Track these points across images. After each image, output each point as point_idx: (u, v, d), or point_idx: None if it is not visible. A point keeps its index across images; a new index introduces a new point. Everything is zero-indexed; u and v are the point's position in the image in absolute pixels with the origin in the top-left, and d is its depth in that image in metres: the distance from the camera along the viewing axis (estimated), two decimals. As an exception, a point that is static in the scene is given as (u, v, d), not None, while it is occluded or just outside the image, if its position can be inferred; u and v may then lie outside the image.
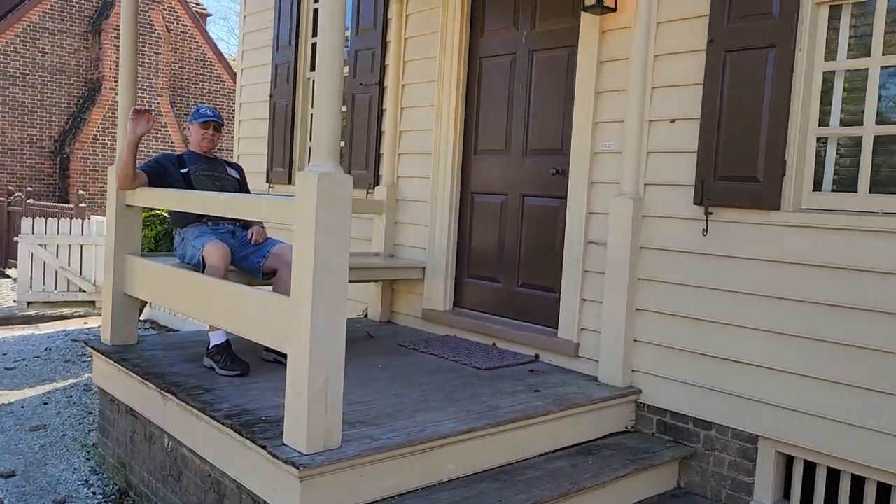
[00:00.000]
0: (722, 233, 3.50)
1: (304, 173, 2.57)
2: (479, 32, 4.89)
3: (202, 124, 4.10)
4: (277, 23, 6.39)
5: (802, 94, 3.28)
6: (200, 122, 4.10)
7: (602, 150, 4.04)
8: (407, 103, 5.26)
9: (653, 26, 3.77)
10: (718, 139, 3.50)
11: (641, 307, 3.81)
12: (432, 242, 5.05)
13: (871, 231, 3.03)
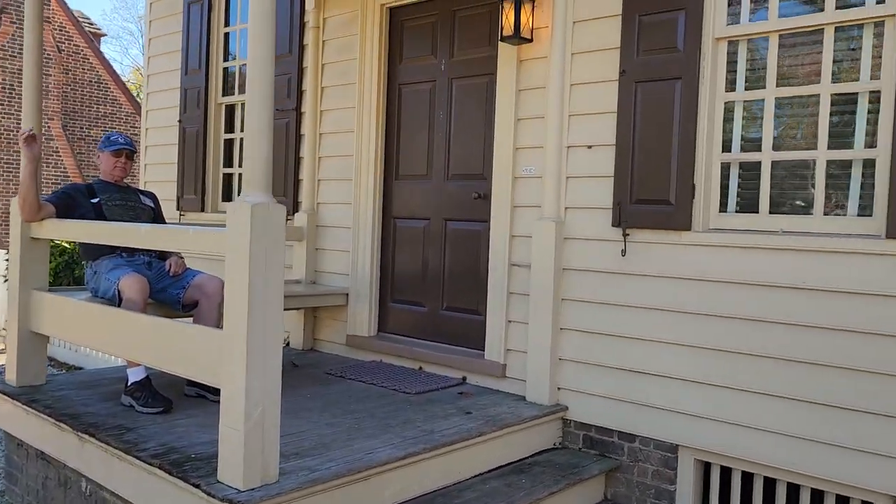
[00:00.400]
0: (639, 253, 3.68)
1: (237, 204, 2.53)
2: (398, 59, 4.96)
3: (114, 152, 3.96)
4: (186, 47, 6.25)
5: (707, 122, 3.51)
6: (112, 150, 3.95)
7: (523, 174, 4.17)
8: (326, 129, 5.25)
9: (568, 57, 3.94)
10: (633, 164, 3.69)
11: (565, 326, 3.94)
12: (355, 268, 5.03)
13: (772, 249, 3.27)
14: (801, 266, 3.19)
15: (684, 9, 3.54)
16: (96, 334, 3.41)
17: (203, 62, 6.10)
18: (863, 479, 3.05)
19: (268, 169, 2.60)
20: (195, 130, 6.15)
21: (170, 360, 2.91)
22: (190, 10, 6.19)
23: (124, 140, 4.03)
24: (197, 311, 3.78)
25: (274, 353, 2.57)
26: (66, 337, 3.77)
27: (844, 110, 3.24)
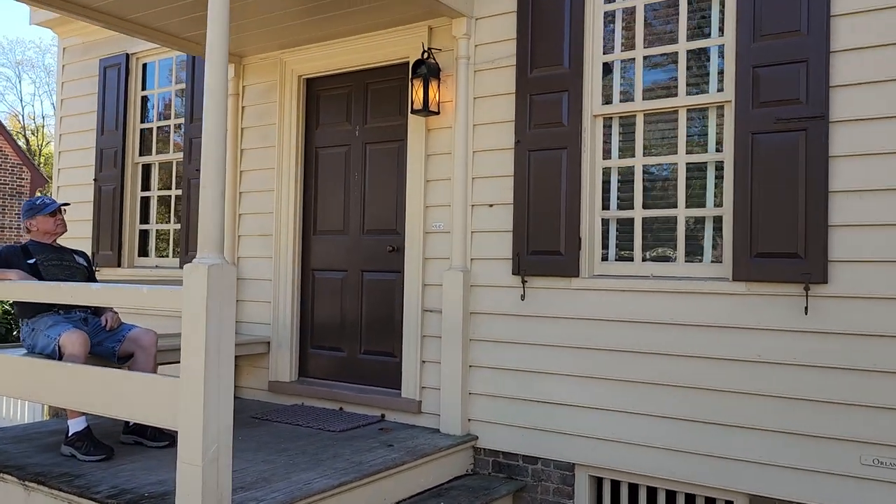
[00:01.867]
0: (536, 297, 4.25)
1: (194, 265, 2.88)
2: (315, 125, 5.41)
3: (50, 214, 4.17)
4: (102, 108, 6.44)
5: (589, 185, 4.16)
6: (49, 211, 4.17)
7: (433, 229, 4.69)
8: (246, 188, 5.60)
9: (470, 128, 4.53)
10: (529, 220, 4.29)
11: (474, 364, 4.44)
12: (276, 318, 5.36)
13: (645, 291, 3.92)
14: (667, 305, 3.85)
15: (567, 90, 4.20)
16: (41, 388, 3.58)
17: (120, 123, 6.31)
18: (725, 482, 3.67)
19: (220, 232, 2.98)
20: (111, 189, 6.32)
21: (123, 408, 3.17)
22: (106, 73, 6.42)
23: (50, 199, 4.27)
24: (132, 363, 4.01)
25: (227, 396, 2.91)
26: (9, 392, 3.89)
27: (697, 176, 3.96)
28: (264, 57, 5.54)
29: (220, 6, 3.06)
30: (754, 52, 3.62)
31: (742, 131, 3.65)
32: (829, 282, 3.42)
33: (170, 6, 4.63)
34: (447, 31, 4.65)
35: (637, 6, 4.10)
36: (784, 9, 3.55)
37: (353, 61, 5.15)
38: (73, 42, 6.77)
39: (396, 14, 4.69)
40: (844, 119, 3.41)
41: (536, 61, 4.30)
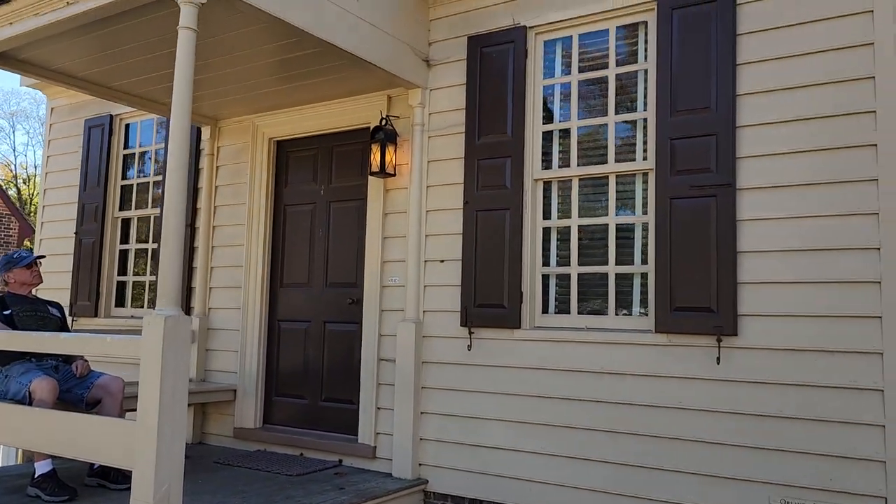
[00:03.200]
0: (482, 347, 4.55)
1: (152, 317, 3.18)
2: (284, 184, 5.77)
3: (27, 267, 4.47)
4: (86, 165, 6.79)
5: (530, 243, 4.50)
6: (25, 265, 4.46)
7: (390, 283, 5.00)
8: (218, 242, 5.92)
9: (424, 189, 4.89)
10: (476, 275, 4.61)
11: (425, 411, 4.70)
12: (243, 366, 5.62)
13: (580, 342, 4.22)
14: (600, 355, 4.15)
15: (510, 156, 4.58)
16: (11, 431, 3.82)
17: (102, 179, 6.66)
18: (651, 521, 3.93)
19: (178, 286, 3.28)
20: (91, 242, 6.62)
21: (85, 449, 3.42)
22: (91, 133, 6.79)
23: (27, 253, 4.59)
24: (100, 408, 4.25)
25: (179, 439, 3.17)
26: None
27: (627, 235, 4.31)
28: (238, 120, 5.93)
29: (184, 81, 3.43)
30: (671, 126, 4.02)
31: (662, 196, 4.02)
32: (738, 334, 3.74)
33: (149, 76, 5.03)
34: (404, 99, 5.05)
35: (572, 82, 4.51)
36: (696, 88, 3.95)
37: (320, 126, 5.54)
38: (60, 103, 7.16)
39: (359, 84, 5.10)
40: (749, 187, 3.78)
41: (483, 129, 4.68)
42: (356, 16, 4.33)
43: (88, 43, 4.43)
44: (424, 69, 4.93)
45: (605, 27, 4.42)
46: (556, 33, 4.58)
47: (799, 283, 3.62)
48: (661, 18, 4.11)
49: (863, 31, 3.56)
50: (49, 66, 4.84)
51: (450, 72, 4.88)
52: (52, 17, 3.90)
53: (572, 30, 4.52)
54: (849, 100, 3.57)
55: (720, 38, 3.91)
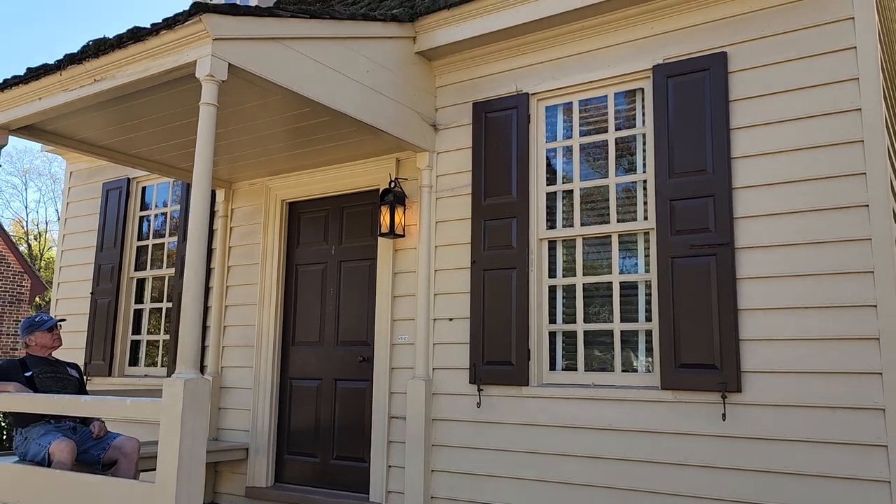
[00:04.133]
0: (491, 404, 4.62)
1: (172, 380, 3.29)
2: (296, 244, 5.94)
3: (48, 330, 4.60)
4: (103, 227, 6.99)
5: (536, 301, 4.62)
6: (46, 328, 4.60)
7: (399, 341, 5.11)
8: (231, 302, 6.05)
9: (433, 249, 5.03)
10: (484, 333, 4.71)
11: (436, 468, 4.75)
12: (255, 425, 5.69)
13: (586, 399, 4.30)
14: (606, 412, 4.22)
15: (516, 217, 4.73)
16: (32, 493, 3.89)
17: (118, 241, 6.84)
18: (662, 579, 3.93)
19: (197, 350, 3.40)
20: (107, 302, 6.77)
21: (103, 510, 3.49)
22: (108, 195, 7.01)
23: (47, 317, 4.72)
24: (116, 469, 4.33)
25: (197, 496, 3.25)
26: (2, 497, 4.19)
27: (630, 293, 4.43)
28: (252, 183, 6.13)
29: (205, 153, 3.61)
30: (670, 187, 4.17)
31: (663, 255, 4.15)
32: (742, 391, 3.82)
33: (167, 143, 5.24)
34: (412, 162, 5.24)
35: (573, 145, 4.69)
36: (692, 151, 4.12)
37: (331, 188, 5.72)
38: (79, 167, 7.40)
39: (369, 148, 5.30)
40: (747, 246, 3.91)
41: (489, 191, 4.85)
42: (367, 86, 4.54)
43: (111, 115, 4.65)
44: (432, 133, 5.13)
45: (604, 93, 4.62)
46: (557, 99, 4.78)
47: (799, 339, 3.71)
48: (657, 85, 4.31)
49: (850, 98, 3.73)
50: (73, 137, 5.06)
51: (456, 136, 5.08)
52: (79, 93, 4.13)
53: (572, 96, 4.72)
54: (839, 162, 3.72)
55: (714, 104, 4.09)
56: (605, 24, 4.54)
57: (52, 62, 4.17)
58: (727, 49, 4.12)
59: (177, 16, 3.65)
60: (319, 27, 4.25)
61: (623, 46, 4.50)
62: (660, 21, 4.37)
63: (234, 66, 3.71)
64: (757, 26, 4.04)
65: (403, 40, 4.96)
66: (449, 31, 4.93)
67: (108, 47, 3.88)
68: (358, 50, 4.52)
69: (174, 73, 3.82)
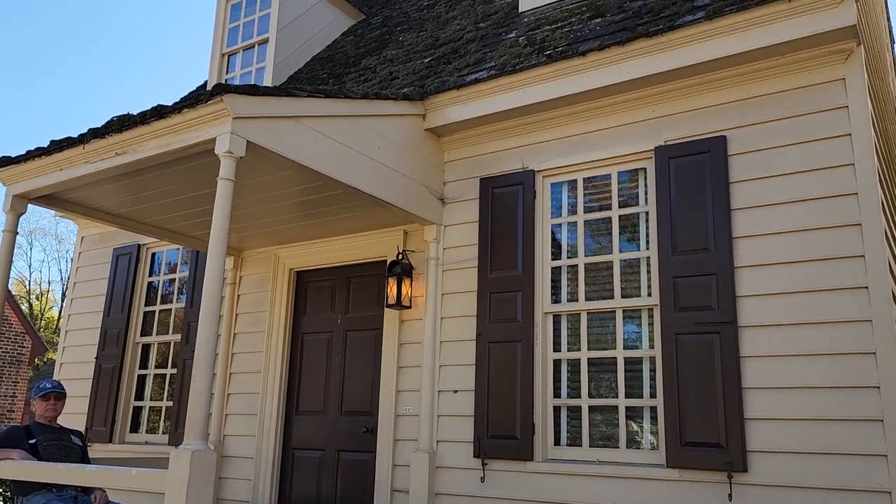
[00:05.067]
0: (495, 479, 4.59)
1: (179, 451, 3.30)
2: (303, 312, 5.99)
3: (42, 397, 4.62)
4: (111, 291, 7.06)
5: (541, 375, 4.64)
6: (41, 395, 4.62)
7: (404, 413, 5.10)
8: (235, 369, 6.07)
9: (438, 320, 5.08)
10: (488, 406, 4.71)
11: (438, 544, 4.68)
12: (255, 496, 5.62)
13: (591, 475, 4.27)
14: (612, 489, 4.19)
15: (521, 290, 4.80)
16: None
17: (126, 306, 6.90)
18: None
19: (205, 421, 3.42)
20: (111, 367, 6.78)
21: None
22: (118, 260, 7.11)
23: (51, 384, 4.72)
24: (114, 539, 4.28)
25: (199, 574, 3.21)
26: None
27: (635, 368, 4.45)
28: (261, 251, 6.23)
29: (221, 227, 3.71)
30: (673, 265, 4.25)
31: (667, 331, 4.20)
32: (749, 470, 3.80)
33: (181, 213, 5.36)
34: (420, 234, 5.34)
35: (578, 221, 4.80)
36: (694, 230, 4.22)
37: (339, 258, 5.82)
38: (90, 232, 7.53)
39: (377, 220, 5.41)
40: (750, 325, 3.96)
41: (495, 264, 4.94)
42: (378, 161, 4.69)
43: (127, 185, 4.78)
44: (439, 207, 5.25)
45: (608, 171, 4.76)
46: (563, 176, 4.92)
47: (805, 420, 3.72)
48: (659, 166, 4.45)
49: (846, 183, 3.85)
50: (89, 205, 5.18)
51: (463, 210, 5.20)
52: (101, 166, 4.27)
53: (577, 173, 4.86)
54: (839, 244, 3.82)
55: (715, 185, 4.22)
56: (609, 106, 4.71)
57: (76, 136, 4.33)
58: (727, 133, 4.27)
59: (199, 95, 3.81)
60: (334, 106, 4.42)
61: (626, 127, 4.66)
62: (662, 104, 4.54)
63: (251, 142, 3.85)
64: (755, 112, 4.21)
65: (414, 117, 5.13)
66: (457, 109, 5.11)
67: (131, 123, 4.04)
68: (370, 126, 4.69)
69: (193, 149, 3.96)
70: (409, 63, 6.20)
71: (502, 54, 5.25)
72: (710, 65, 4.24)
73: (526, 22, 5.74)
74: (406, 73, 5.98)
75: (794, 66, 4.11)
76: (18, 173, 4.69)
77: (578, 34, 4.91)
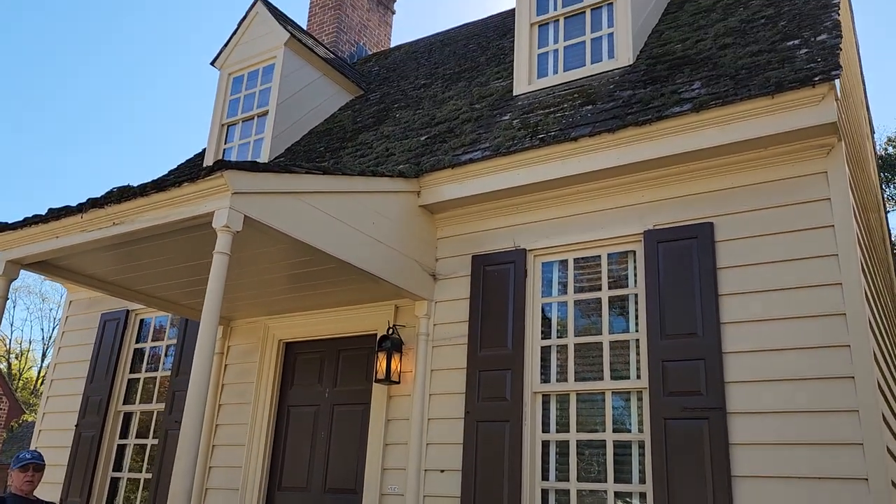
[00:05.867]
0: (481, 564, 4.48)
1: (160, 530, 3.23)
2: (290, 384, 5.94)
3: (21, 468, 4.50)
4: (96, 357, 6.98)
5: (529, 455, 4.59)
6: (20, 466, 4.51)
7: (389, 492, 5.01)
8: (219, 441, 5.96)
9: (427, 397, 5.05)
10: (475, 487, 4.64)
11: None
12: (232, 575, 5.43)
13: (580, 563, 4.18)
14: (600, 577, 4.10)
15: (510, 369, 4.80)
16: None
17: (110, 372, 6.82)
18: None
19: (188, 498, 3.35)
20: (91, 435, 6.64)
21: None
22: (105, 326, 7.06)
23: (31, 455, 4.61)
24: None
25: None
26: None
27: (624, 452, 4.42)
28: (251, 321, 6.22)
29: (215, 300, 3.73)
30: (662, 349, 4.29)
31: (656, 415, 4.19)
32: (739, 561, 3.74)
33: (173, 282, 5.38)
34: (411, 309, 5.36)
35: (568, 301, 4.85)
36: (683, 314, 4.27)
37: (329, 330, 5.81)
38: (79, 296, 7.50)
39: (369, 294, 5.44)
40: (739, 411, 3.97)
41: (485, 342, 4.95)
42: (371, 236, 4.76)
43: (121, 254, 4.80)
44: (431, 283, 5.30)
45: (598, 253, 4.84)
46: (553, 256, 5.00)
47: (794, 509, 3.70)
48: (648, 249, 4.53)
49: (831, 273, 3.94)
50: (81, 272, 5.19)
51: (455, 286, 5.25)
52: (97, 235, 4.31)
53: (568, 254, 4.94)
54: (825, 333, 3.87)
55: (702, 271, 4.29)
56: (599, 189, 4.83)
57: (75, 205, 4.38)
58: (714, 220, 4.38)
59: (200, 170, 3.89)
60: (331, 182, 4.51)
61: (616, 211, 4.77)
62: (651, 189, 4.66)
63: (249, 217, 3.91)
64: (741, 201, 4.33)
65: (408, 194, 5.23)
66: (452, 187, 5.22)
67: (131, 194, 4.10)
68: (365, 202, 4.77)
69: (191, 222, 4.02)
70: (406, 140, 6.36)
71: (497, 136, 5.40)
72: (696, 154, 4.39)
73: (520, 105, 5.93)
74: (402, 149, 6.12)
75: (777, 158, 4.25)
76: (13, 239, 4.72)
77: (570, 120, 5.07)
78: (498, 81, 6.82)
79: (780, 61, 4.44)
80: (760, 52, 4.76)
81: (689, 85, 4.75)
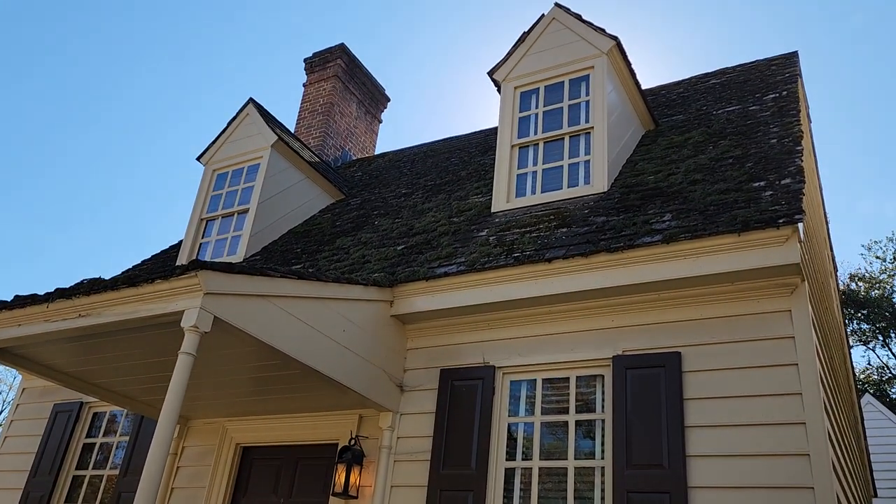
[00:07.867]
0: None
1: None
2: (244, 492, 5.70)
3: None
4: (42, 450, 6.67)
5: (488, 585, 4.40)
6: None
7: None
8: (161, 550, 5.63)
9: (384, 514, 4.87)
10: None
11: None
12: None
13: None
14: None
15: (472, 491, 4.66)
16: None
17: (55, 468, 6.50)
18: None
19: None
20: (25, 536, 6.25)
21: None
22: (56, 417, 6.79)
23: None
24: None
25: None
26: None
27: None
28: (209, 422, 6.03)
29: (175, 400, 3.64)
30: (628, 479, 4.21)
31: (620, 550, 4.07)
32: None
33: (132, 377, 5.24)
34: (375, 420, 5.25)
35: (535, 423, 4.79)
36: (649, 444, 4.23)
37: (289, 437, 5.65)
38: (34, 384, 7.25)
39: (332, 402, 5.33)
40: (703, 550, 3.88)
41: (448, 459, 4.83)
42: (341, 344, 4.71)
43: (83, 346, 4.70)
44: (398, 394, 5.22)
45: (567, 374, 4.83)
46: (522, 375, 4.97)
47: None
48: (617, 375, 4.54)
49: (794, 412, 3.96)
50: (39, 362, 5.05)
51: (421, 399, 5.17)
52: (60, 325, 4.23)
53: (537, 373, 4.92)
54: (789, 474, 3.85)
55: (669, 401, 4.29)
56: (570, 311, 4.87)
57: (41, 294, 4.32)
58: (681, 349, 4.43)
59: (174, 268, 3.89)
60: (305, 287, 4.51)
61: (586, 333, 4.80)
62: (620, 315, 4.73)
63: (218, 318, 3.88)
64: (708, 333, 4.39)
65: (381, 303, 5.24)
66: (425, 299, 5.24)
67: (101, 287, 4.06)
68: (337, 309, 4.76)
69: (159, 319, 3.97)
70: (383, 248, 6.43)
71: (473, 251, 5.49)
72: (666, 283, 4.49)
73: (497, 222, 6.07)
74: (378, 258, 6.18)
75: (744, 294, 4.36)
76: (-27, 324, 4.61)
77: (545, 241, 5.19)
78: (477, 197, 7.00)
79: (747, 201, 4.64)
80: (728, 190, 4.97)
81: (660, 216, 4.92)
